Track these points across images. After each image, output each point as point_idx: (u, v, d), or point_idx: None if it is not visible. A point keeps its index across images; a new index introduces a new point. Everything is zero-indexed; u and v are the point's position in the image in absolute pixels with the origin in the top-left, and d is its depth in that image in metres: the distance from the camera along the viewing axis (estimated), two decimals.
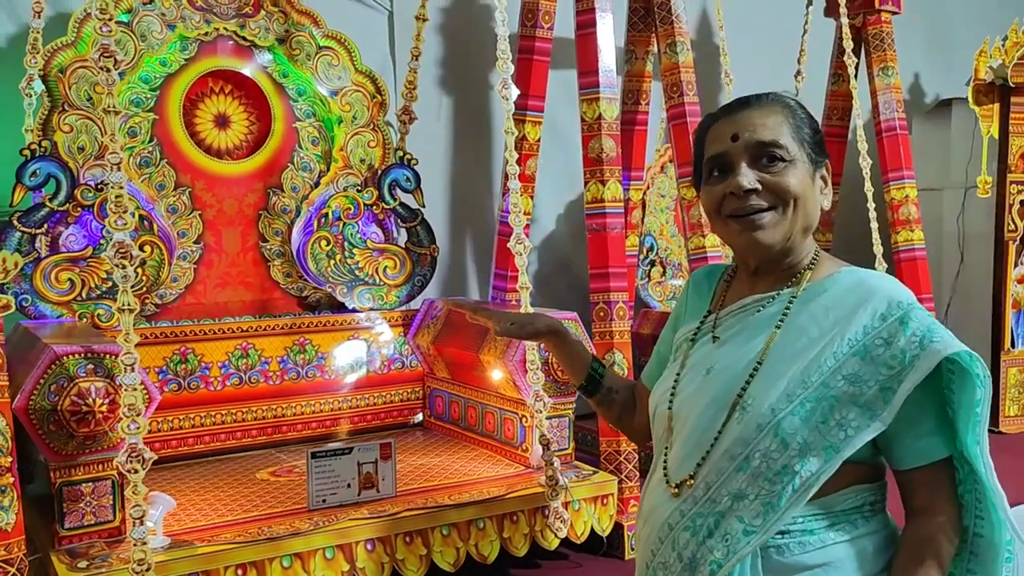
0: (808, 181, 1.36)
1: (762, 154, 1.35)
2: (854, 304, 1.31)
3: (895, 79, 3.80)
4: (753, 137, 1.35)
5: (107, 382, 1.85)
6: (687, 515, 1.33)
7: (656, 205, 3.93)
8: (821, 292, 1.35)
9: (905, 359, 1.25)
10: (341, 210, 2.94)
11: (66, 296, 2.46)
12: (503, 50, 2.40)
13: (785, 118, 1.37)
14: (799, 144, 1.36)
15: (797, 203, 1.34)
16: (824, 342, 1.30)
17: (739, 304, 1.42)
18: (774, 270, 1.40)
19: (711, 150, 1.39)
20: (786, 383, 1.29)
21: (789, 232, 1.35)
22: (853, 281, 1.35)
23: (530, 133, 3.11)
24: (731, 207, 1.35)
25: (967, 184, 4.17)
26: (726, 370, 1.35)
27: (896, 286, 1.34)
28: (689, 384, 1.40)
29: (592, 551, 2.38)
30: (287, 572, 1.93)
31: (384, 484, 2.21)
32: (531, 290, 2.39)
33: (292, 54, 2.85)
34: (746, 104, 1.39)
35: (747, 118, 1.37)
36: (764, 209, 1.33)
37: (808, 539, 1.30)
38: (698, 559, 1.30)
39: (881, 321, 1.28)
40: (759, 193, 1.33)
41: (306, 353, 2.84)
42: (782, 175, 1.34)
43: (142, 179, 2.63)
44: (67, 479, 1.88)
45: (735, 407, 1.31)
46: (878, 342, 1.27)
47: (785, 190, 1.33)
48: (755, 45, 4.08)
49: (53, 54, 2.46)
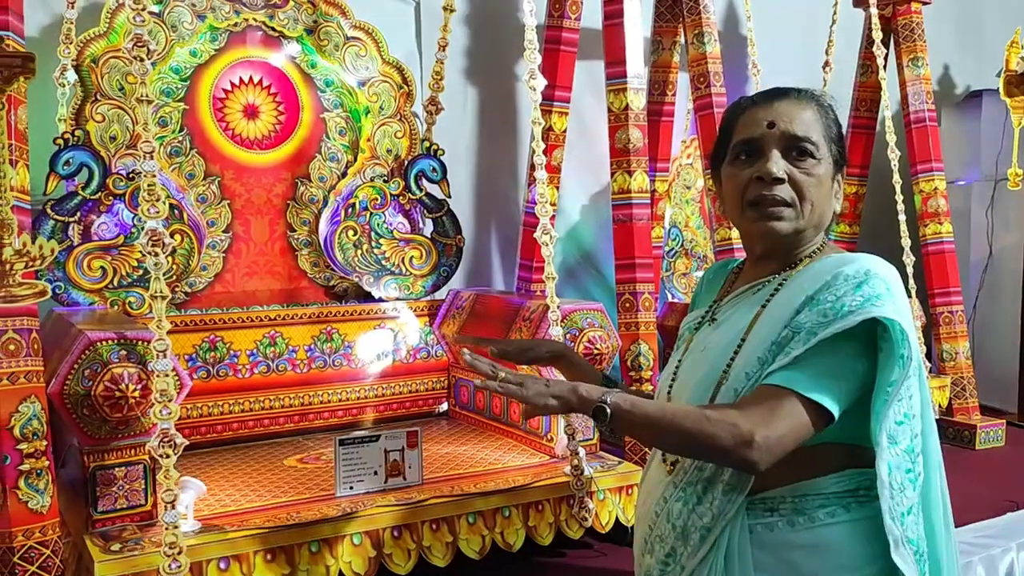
0: (828, 182, 1.39)
1: (794, 147, 1.36)
2: (826, 270, 1.34)
3: (925, 70, 3.76)
4: (790, 128, 1.36)
5: (139, 368, 1.88)
6: (678, 486, 1.38)
7: (682, 197, 3.92)
8: (806, 270, 1.38)
9: (841, 311, 1.26)
10: (368, 200, 2.96)
11: (98, 284, 2.50)
12: (530, 40, 2.40)
13: (820, 117, 1.39)
14: (828, 144, 1.39)
15: (815, 204, 1.36)
16: (793, 305, 1.32)
17: (740, 289, 1.45)
18: (776, 258, 1.42)
19: (744, 134, 1.39)
20: (758, 348, 1.32)
21: (801, 228, 1.37)
22: (839, 257, 1.38)
23: (556, 124, 3.11)
24: (755, 192, 1.36)
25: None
26: (715, 348, 1.40)
27: (880, 262, 1.34)
28: (687, 365, 1.45)
29: (616, 541, 2.39)
30: (315, 557, 1.95)
31: (410, 472, 2.22)
32: (556, 280, 2.39)
33: (320, 44, 2.87)
34: (784, 95, 1.40)
35: (785, 108, 1.38)
36: (786, 204, 1.35)
37: (797, 519, 1.32)
38: (688, 527, 1.34)
39: (844, 281, 1.30)
40: (783, 185, 1.34)
41: (333, 342, 2.86)
42: (810, 171, 1.35)
43: (172, 168, 2.65)
44: (100, 463, 1.91)
45: (720, 382, 1.34)
46: (829, 296, 1.29)
47: (808, 187, 1.35)
48: (783, 36, 4.05)
49: (86, 44, 2.49)
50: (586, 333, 2.47)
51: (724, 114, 1.48)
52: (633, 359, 2.65)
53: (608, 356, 2.50)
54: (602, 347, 2.48)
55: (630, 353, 2.66)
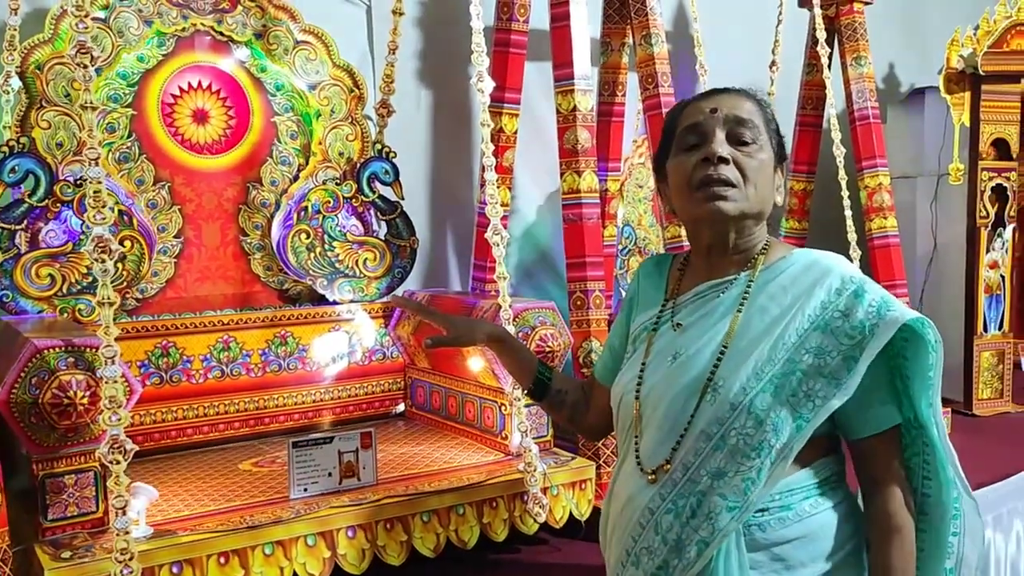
0: (770, 170, 1.42)
1: (736, 132, 1.39)
2: (811, 282, 1.38)
3: (868, 68, 3.85)
4: (732, 112, 1.40)
5: (88, 375, 1.88)
6: (667, 498, 1.36)
7: (634, 196, 3.97)
8: (778, 273, 1.41)
9: (865, 328, 1.31)
10: (320, 203, 2.96)
11: (46, 291, 2.48)
12: (477, 43, 2.43)
13: (758, 109, 1.44)
14: (768, 134, 1.43)
15: (759, 187, 1.39)
16: (786, 320, 1.35)
17: (696, 290, 1.46)
18: (726, 254, 1.44)
19: (687, 121, 1.42)
20: (754, 362, 1.34)
21: (746, 210, 1.39)
22: (808, 261, 1.41)
23: (507, 125, 3.14)
24: (701, 174, 1.38)
25: (940, 171, 4.23)
26: (694, 356, 1.39)
27: (848, 264, 1.42)
28: (655, 372, 1.43)
29: (571, 535, 2.42)
30: (269, 560, 1.96)
31: (365, 472, 2.24)
32: (511, 280, 2.42)
33: (269, 49, 2.87)
34: (724, 90, 1.45)
35: (725, 98, 1.43)
36: (731, 184, 1.38)
37: (786, 514, 1.34)
38: (683, 540, 1.33)
39: (837, 295, 1.35)
40: (729, 165, 1.38)
41: (287, 345, 2.86)
42: (753, 155, 1.39)
43: (121, 174, 2.64)
44: (50, 471, 1.91)
45: (706, 390, 1.35)
46: (836, 315, 1.33)
47: (751, 169, 1.38)
48: (730, 36, 4.12)
49: (30, 51, 2.47)
50: (538, 331, 2.50)
51: (666, 115, 1.50)
52: (585, 356, 2.69)
53: (560, 353, 2.54)
54: (554, 344, 2.51)
55: (582, 350, 2.70)
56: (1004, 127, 3.91)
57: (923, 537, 1.39)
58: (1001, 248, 4.00)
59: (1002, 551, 2.96)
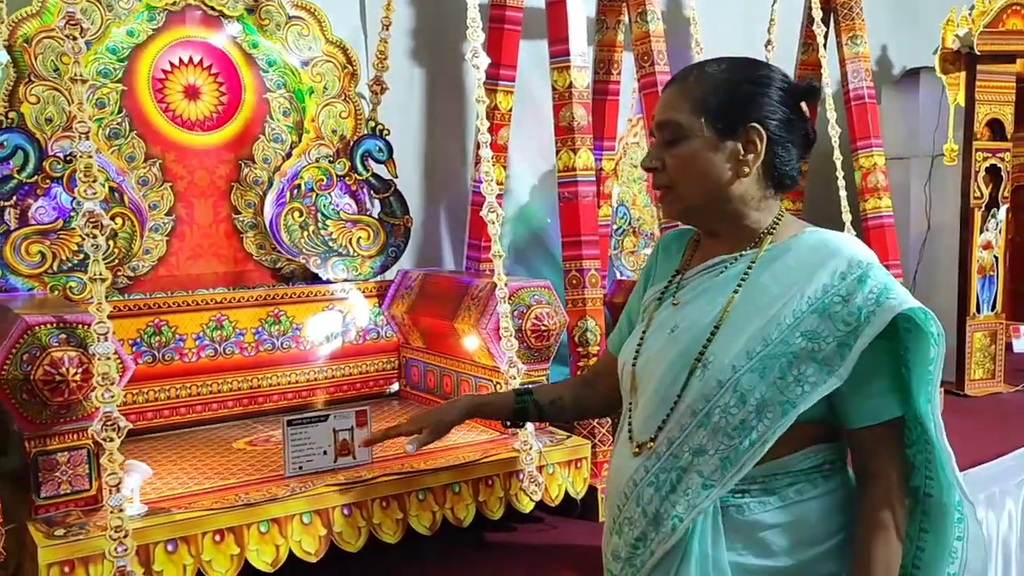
0: (707, 154, 1.37)
1: (661, 136, 1.41)
2: (816, 263, 1.35)
3: (864, 48, 3.83)
4: (657, 117, 1.43)
5: (80, 352, 1.85)
6: (651, 471, 1.37)
7: (629, 175, 3.95)
8: (784, 252, 1.39)
9: (861, 315, 1.29)
10: (313, 181, 2.93)
11: (37, 269, 2.45)
12: (473, 18, 2.40)
13: (691, 92, 1.39)
14: (702, 116, 1.37)
15: (694, 182, 1.39)
16: (784, 300, 1.33)
17: (703, 266, 1.46)
18: (732, 232, 1.44)
19: None
20: (746, 340, 1.33)
21: (688, 206, 1.41)
22: (816, 241, 1.39)
23: (502, 103, 3.12)
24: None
25: (934, 152, 4.23)
26: (688, 329, 1.39)
27: (858, 246, 1.38)
28: (654, 343, 1.44)
29: (566, 514, 2.42)
30: (264, 537, 1.95)
31: (360, 451, 2.23)
32: (505, 258, 2.41)
33: (261, 24, 2.83)
34: (673, 81, 1.45)
35: (663, 97, 1.44)
36: (666, 187, 1.39)
37: (768, 498, 1.34)
38: (661, 514, 1.34)
39: (841, 280, 1.32)
40: (660, 172, 1.40)
41: (281, 324, 2.85)
42: (679, 153, 1.39)
43: (111, 151, 2.61)
44: (42, 449, 1.89)
45: (696, 365, 1.35)
46: (836, 299, 1.31)
47: (675, 170, 1.39)
48: (726, 14, 4.09)
49: (18, 24, 2.43)
50: (533, 310, 2.49)
51: None
52: (580, 335, 2.68)
53: (556, 332, 2.53)
54: (549, 323, 2.50)
55: (577, 329, 2.69)
56: (999, 107, 3.90)
57: (924, 537, 1.38)
58: (995, 229, 4.00)
59: (994, 529, 2.97)
